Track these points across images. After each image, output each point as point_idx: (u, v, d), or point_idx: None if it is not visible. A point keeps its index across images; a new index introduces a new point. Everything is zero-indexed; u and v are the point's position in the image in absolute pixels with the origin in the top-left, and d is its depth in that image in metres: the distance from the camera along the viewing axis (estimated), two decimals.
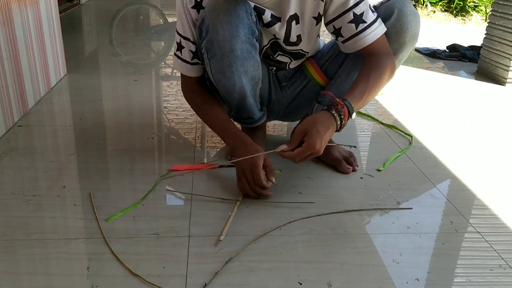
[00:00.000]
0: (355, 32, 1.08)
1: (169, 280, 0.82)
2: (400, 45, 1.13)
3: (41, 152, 1.27)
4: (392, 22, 1.11)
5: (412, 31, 1.12)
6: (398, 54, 1.14)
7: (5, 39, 1.37)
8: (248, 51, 1.06)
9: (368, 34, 1.08)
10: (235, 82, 1.08)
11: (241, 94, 1.12)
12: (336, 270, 0.87)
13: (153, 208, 1.04)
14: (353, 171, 1.23)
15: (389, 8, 1.11)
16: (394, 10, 1.10)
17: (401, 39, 1.12)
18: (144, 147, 1.33)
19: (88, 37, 2.77)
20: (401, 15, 1.10)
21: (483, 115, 1.71)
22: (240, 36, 1.02)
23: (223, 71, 1.07)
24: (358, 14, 1.06)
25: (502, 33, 2.09)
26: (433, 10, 4.04)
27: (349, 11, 1.07)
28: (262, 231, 0.97)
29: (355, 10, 1.06)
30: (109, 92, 1.79)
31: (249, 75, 1.10)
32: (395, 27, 1.11)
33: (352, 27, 1.08)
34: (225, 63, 1.05)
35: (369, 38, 1.08)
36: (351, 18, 1.07)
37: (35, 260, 0.86)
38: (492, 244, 0.96)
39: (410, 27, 1.11)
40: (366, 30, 1.07)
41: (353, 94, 1.03)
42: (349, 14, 1.07)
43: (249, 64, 1.08)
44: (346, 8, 1.06)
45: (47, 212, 1.00)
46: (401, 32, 1.11)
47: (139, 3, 3.94)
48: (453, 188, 1.19)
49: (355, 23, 1.07)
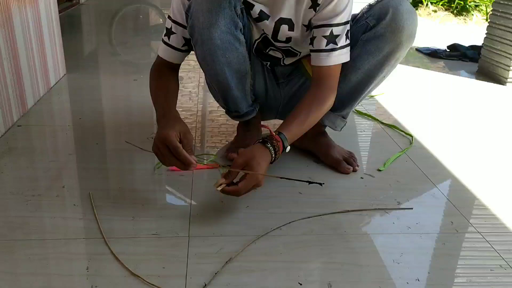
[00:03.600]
0: (322, 48, 1.09)
1: (169, 280, 0.82)
2: (397, 45, 1.11)
3: (41, 152, 1.27)
4: (387, 22, 1.09)
5: (408, 30, 1.09)
6: (395, 54, 1.13)
7: (5, 38, 1.37)
8: (230, 42, 1.06)
9: (331, 56, 1.09)
10: (217, 72, 1.09)
11: (224, 85, 1.12)
12: (336, 270, 0.87)
13: (153, 208, 1.03)
14: (354, 171, 1.22)
15: (384, 7, 1.10)
16: (389, 9, 1.08)
17: (397, 38, 1.10)
18: (143, 147, 1.33)
19: (87, 37, 2.77)
20: (396, 14, 1.08)
21: (483, 115, 1.71)
22: (220, 26, 1.03)
23: (204, 59, 1.09)
24: (334, 34, 1.08)
25: (502, 32, 2.09)
26: (434, 9, 4.04)
27: (329, 27, 1.07)
28: (262, 231, 0.96)
29: (334, 29, 1.07)
30: (109, 92, 1.78)
31: (233, 68, 1.10)
32: (391, 27, 1.09)
33: (323, 42, 1.09)
34: (205, 51, 1.07)
35: (330, 60, 1.10)
36: (326, 34, 1.08)
37: (35, 260, 0.86)
38: (492, 244, 0.96)
39: (406, 26, 1.09)
40: (332, 52, 1.09)
41: (291, 128, 1.06)
42: (328, 29, 1.08)
43: (232, 56, 1.08)
44: (328, 23, 1.07)
45: (46, 212, 1.00)
46: (397, 32, 1.09)
47: (139, 3, 3.94)
48: (453, 188, 1.18)
49: (327, 40, 1.08)
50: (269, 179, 1.17)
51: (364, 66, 1.14)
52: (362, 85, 1.18)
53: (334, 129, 1.27)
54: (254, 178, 0.95)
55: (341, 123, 1.27)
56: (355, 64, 1.14)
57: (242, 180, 0.95)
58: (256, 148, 1.00)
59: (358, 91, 1.19)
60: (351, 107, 1.24)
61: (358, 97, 1.21)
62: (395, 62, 1.16)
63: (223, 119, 1.52)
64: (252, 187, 0.97)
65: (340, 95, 1.19)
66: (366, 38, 1.12)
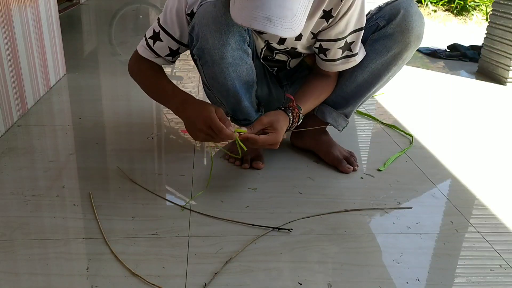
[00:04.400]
0: (339, 57, 1.13)
1: (169, 280, 0.82)
2: (405, 45, 1.13)
3: (41, 152, 1.27)
4: (397, 22, 1.11)
5: (417, 32, 1.12)
6: (403, 54, 1.14)
7: (5, 38, 1.37)
8: (240, 57, 1.06)
9: (348, 62, 1.14)
10: (229, 88, 1.09)
11: (236, 99, 1.12)
12: (336, 270, 0.87)
13: (153, 208, 1.03)
14: (354, 171, 1.23)
15: (395, 8, 1.12)
16: (400, 10, 1.11)
17: (406, 39, 1.12)
18: (143, 147, 1.33)
19: (87, 37, 2.77)
20: (407, 15, 1.10)
21: (483, 115, 1.71)
22: (231, 44, 1.02)
23: (215, 77, 1.08)
24: (349, 42, 1.10)
25: (502, 32, 2.09)
26: (434, 9, 4.04)
27: (343, 39, 1.09)
28: (262, 231, 0.96)
29: (348, 38, 1.09)
30: (109, 92, 1.78)
31: (243, 80, 1.10)
32: (401, 27, 1.11)
33: (339, 52, 1.12)
34: (216, 70, 1.06)
35: (347, 66, 1.14)
36: (341, 45, 1.10)
37: (35, 260, 0.86)
38: (492, 244, 0.96)
39: (415, 27, 1.11)
40: (349, 58, 1.13)
41: (307, 104, 1.14)
42: (342, 41, 1.09)
43: (242, 69, 1.08)
44: (343, 36, 1.09)
45: (46, 212, 1.00)
46: (406, 32, 1.11)
47: (139, 3, 3.94)
48: (453, 188, 1.18)
49: (342, 49, 1.11)
50: (268, 180, 1.17)
51: (371, 65, 1.16)
52: (368, 84, 1.19)
53: (336, 128, 1.27)
54: (276, 138, 1.04)
55: (343, 123, 1.27)
56: (363, 63, 1.15)
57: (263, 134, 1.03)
58: (281, 113, 1.08)
59: (363, 90, 1.20)
60: (354, 105, 1.24)
61: (363, 96, 1.22)
62: (401, 62, 1.17)
63: None
64: (269, 146, 1.05)
65: (345, 93, 1.21)
66: (375, 37, 1.14)
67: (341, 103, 1.23)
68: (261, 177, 1.19)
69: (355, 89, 1.20)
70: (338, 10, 1.04)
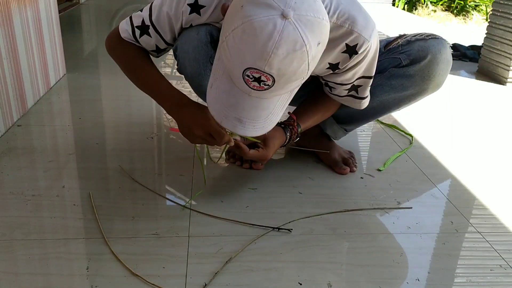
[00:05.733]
0: (344, 95, 1.08)
1: (169, 280, 0.82)
2: (422, 90, 1.09)
3: (41, 152, 1.27)
4: (421, 67, 1.06)
5: (438, 80, 1.08)
6: (417, 97, 1.12)
7: (5, 38, 1.37)
8: None
9: (354, 102, 1.09)
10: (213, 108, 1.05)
11: None
12: (336, 270, 0.87)
13: (153, 208, 1.03)
14: (351, 172, 1.22)
15: (423, 50, 1.06)
16: (428, 55, 1.06)
17: (425, 85, 1.08)
18: (143, 147, 1.33)
19: (87, 37, 2.77)
20: (433, 63, 1.06)
21: (483, 115, 1.71)
22: (208, 73, 0.98)
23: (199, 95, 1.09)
24: (356, 85, 1.05)
25: (502, 32, 2.09)
26: (434, 9, 4.04)
27: (350, 83, 1.04)
28: (262, 231, 0.96)
29: (355, 82, 1.04)
30: (109, 92, 1.78)
31: None
32: (423, 72, 1.07)
33: (345, 92, 1.07)
34: (197, 92, 1.08)
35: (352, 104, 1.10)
36: (347, 87, 1.06)
37: (35, 260, 0.85)
38: (492, 244, 0.96)
39: (437, 76, 1.07)
40: (355, 99, 1.08)
41: (307, 122, 1.12)
42: (349, 85, 1.05)
43: None
44: (350, 82, 1.04)
45: (46, 212, 1.00)
46: (427, 79, 1.07)
47: (139, 3, 3.94)
48: (453, 188, 1.18)
49: (349, 90, 1.06)
50: (268, 180, 1.17)
51: (383, 97, 1.14)
52: (375, 111, 1.18)
53: (334, 138, 1.27)
54: (265, 156, 1.05)
55: (342, 135, 1.28)
56: (375, 92, 1.12)
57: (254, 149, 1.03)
58: (278, 130, 1.07)
59: (369, 115, 1.20)
60: (356, 125, 1.25)
61: (367, 120, 1.23)
62: (413, 102, 1.16)
63: None
64: (258, 159, 1.06)
65: (350, 112, 1.18)
66: (394, 73, 1.10)
67: (344, 119, 1.23)
68: (261, 177, 1.19)
69: (361, 112, 1.16)
70: (345, 65, 0.97)
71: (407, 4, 4.31)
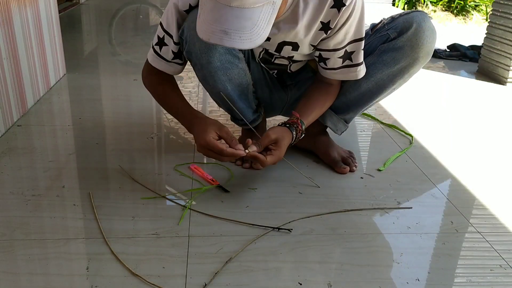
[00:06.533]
0: (339, 66, 1.11)
1: (169, 280, 0.82)
2: (414, 60, 1.12)
3: (41, 152, 1.27)
4: (408, 36, 1.10)
5: (427, 47, 1.11)
6: (410, 69, 1.13)
7: (5, 38, 1.37)
8: (229, 61, 1.07)
9: (349, 73, 1.12)
10: (220, 90, 1.10)
11: (229, 100, 1.12)
12: (336, 270, 0.87)
13: (153, 208, 1.03)
14: (351, 171, 1.22)
15: (408, 21, 1.10)
16: (413, 24, 1.09)
17: (415, 54, 1.11)
18: (143, 147, 1.33)
19: (87, 37, 2.77)
20: (418, 30, 1.09)
21: (483, 115, 1.71)
22: (217, 48, 1.03)
23: (205, 80, 1.10)
24: (348, 52, 1.09)
25: (502, 32, 2.09)
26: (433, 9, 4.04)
27: (342, 48, 1.08)
28: (262, 231, 0.96)
29: (347, 47, 1.08)
30: (109, 92, 1.78)
31: (235, 83, 1.11)
32: (411, 41, 1.10)
33: (339, 61, 1.11)
34: (206, 73, 1.08)
35: (348, 76, 1.13)
36: (341, 54, 1.09)
37: (35, 260, 0.86)
38: (492, 244, 0.96)
39: (426, 43, 1.10)
40: (350, 68, 1.11)
41: (309, 118, 1.14)
42: (341, 50, 1.09)
43: (233, 73, 1.09)
44: (342, 46, 1.08)
45: (46, 212, 1.00)
46: (416, 47, 1.10)
47: (139, 2, 3.94)
48: (453, 188, 1.18)
49: (342, 58, 1.10)
50: (268, 180, 1.17)
51: (377, 75, 1.15)
52: (371, 93, 1.18)
53: (335, 132, 1.27)
54: (280, 157, 1.05)
55: (343, 127, 1.27)
56: (369, 72, 1.14)
57: (269, 154, 1.04)
58: (285, 131, 1.09)
59: (366, 98, 1.20)
60: (355, 112, 1.25)
61: (365, 105, 1.22)
62: (408, 76, 1.16)
63: (223, 119, 1.52)
64: (275, 163, 1.06)
65: (347, 100, 1.20)
66: (384, 48, 1.13)
67: (342, 109, 1.23)
68: (261, 177, 1.19)
69: (358, 97, 1.19)
70: (336, 22, 1.03)
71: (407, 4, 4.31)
